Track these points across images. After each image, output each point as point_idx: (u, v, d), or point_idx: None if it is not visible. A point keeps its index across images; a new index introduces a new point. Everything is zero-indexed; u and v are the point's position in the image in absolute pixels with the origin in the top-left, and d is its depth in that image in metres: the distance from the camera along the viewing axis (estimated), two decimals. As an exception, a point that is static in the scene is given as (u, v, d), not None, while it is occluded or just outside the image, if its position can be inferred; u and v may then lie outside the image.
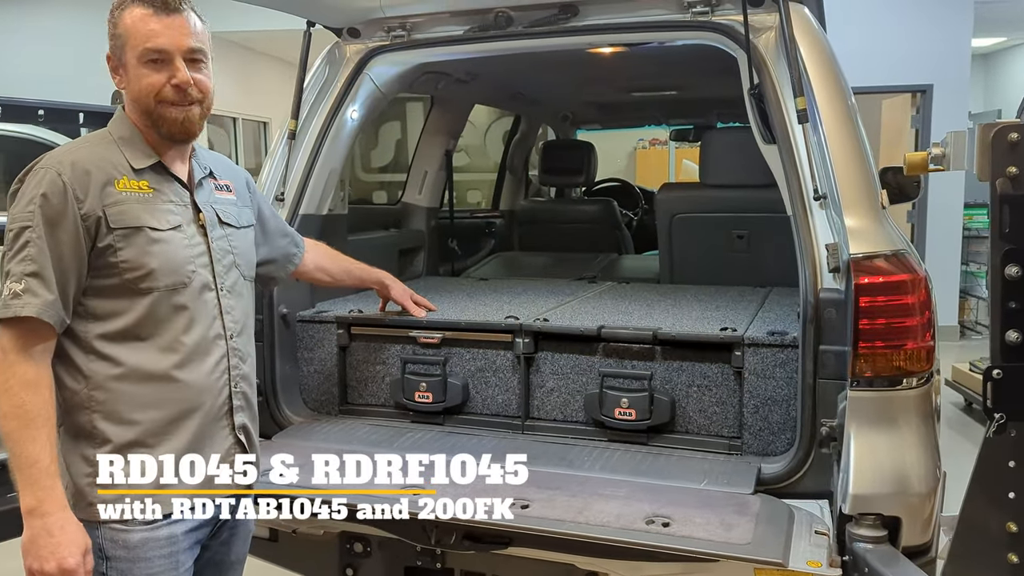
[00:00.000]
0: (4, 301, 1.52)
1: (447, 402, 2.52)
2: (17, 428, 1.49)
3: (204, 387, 1.68)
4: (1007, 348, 1.48)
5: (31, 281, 1.52)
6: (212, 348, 1.70)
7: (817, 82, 2.19)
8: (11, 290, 1.51)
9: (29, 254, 1.53)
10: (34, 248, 1.53)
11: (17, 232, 1.54)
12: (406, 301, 2.57)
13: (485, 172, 5.58)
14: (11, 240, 1.54)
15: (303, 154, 2.73)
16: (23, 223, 1.54)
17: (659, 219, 3.64)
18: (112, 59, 1.66)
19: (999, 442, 1.48)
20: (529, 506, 1.91)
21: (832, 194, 2.09)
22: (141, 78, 1.63)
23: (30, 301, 1.51)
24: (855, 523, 1.84)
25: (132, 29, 1.61)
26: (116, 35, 1.64)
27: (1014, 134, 1.44)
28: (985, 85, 12.89)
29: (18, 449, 1.48)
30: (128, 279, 1.59)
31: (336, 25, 2.80)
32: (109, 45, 1.65)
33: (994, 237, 1.48)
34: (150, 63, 1.62)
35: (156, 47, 1.61)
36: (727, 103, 3.58)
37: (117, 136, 1.67)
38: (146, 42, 1.61)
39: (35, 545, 1.49)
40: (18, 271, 1.52)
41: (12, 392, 1.49)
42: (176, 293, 1.64)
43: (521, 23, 2.62)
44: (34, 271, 1.52)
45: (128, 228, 1.59)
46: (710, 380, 2.30)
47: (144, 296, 1.60)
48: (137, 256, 1.59)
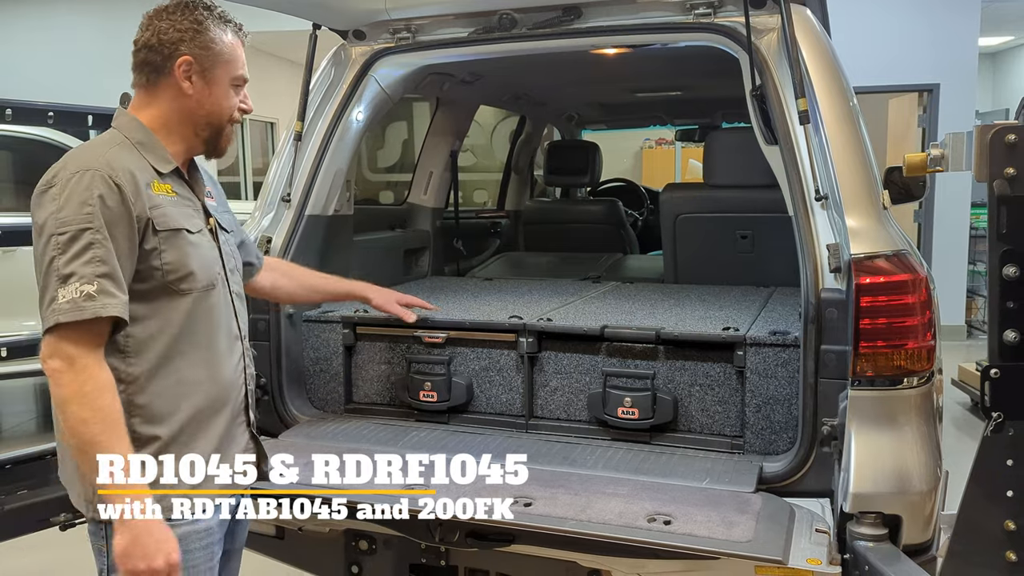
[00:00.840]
0: (74, 303, 1.47)
1: (451, 401, 2.54)
2: (101, 431, 1.48)
3: (230, 386, 1.74)
4: (1005, 347, 1.49)
5: (104, 282, 1.49)
6: (233, 348, 1.76)
7: (819, 83, 2.20)
8: (82, 292, 1.47)
9: (97, 255, 1.50)
10: (101, 249, 1.50)
11: (74, 234, 1.49)
12: (392, 307, 2.50)
13: (492, 172, 5.60)
14: (67, 242, 1.49)
15: (309, 155, 2.76)
16: (82, 225, 1.50)
17: (663, 219, 3.65)
18: (195, 65, 1.65)
19: (997, 441, 1.49)
20: (532, 504, 1.93)
21: (833, 194, 2.10)
22: (229, 98, 1.71)
23: (109, 302, 1.49)
24: (856, 521, 1.85)
25: (234, 52, 1.71)
26: (209, 47, 1.66)
27: (1012, 135, 1.45)
28: (993, 84, 12.84)
29: (105, 450, 1.48)
30: (169, 280, 1.61)
31: (341, 27, 2.82)
32: (190, 49, 1.64)
33: (992, 238, 1.49)
34: (236, 87, 1.73)
35: (246, 76, 1.75)
36: (731, 103, 3.58)
37: (135, 141, 1.65)
38: (242, 69, 1.73)
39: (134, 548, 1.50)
40: (87, 272, 1.48)
41: (90, 397, 1.48)
42: (208, 295, 1.68)
43: (525, 25, 2.64)
44: (105, 272, 1.50)
45: (170, 230, 1.61)
46: (712, 379, 2.31)
47: (183, 297, 1.63)
48: (179, 258, 1.61)
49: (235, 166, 11.06)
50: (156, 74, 1.66)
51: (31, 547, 3.14)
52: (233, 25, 1.72)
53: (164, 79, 1.66)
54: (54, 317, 1.47)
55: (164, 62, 1.65)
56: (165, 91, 1.67)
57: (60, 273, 1.49)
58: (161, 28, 1.64)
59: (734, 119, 5.10)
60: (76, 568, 3.58)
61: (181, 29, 1.64)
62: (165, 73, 1.66)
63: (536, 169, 5.56)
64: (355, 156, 2.99)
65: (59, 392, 1.49)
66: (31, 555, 3.75)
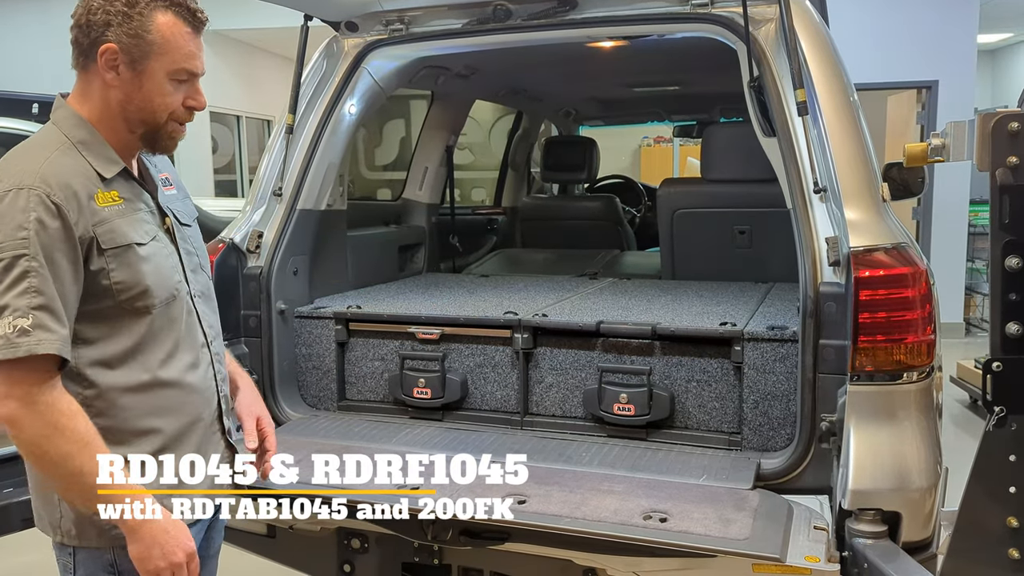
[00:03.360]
0: (7, 339, 1.33)
1: (446, 398, 2.51)
2: (88, 457, 1.39)
3: (200, 399, 1.62)
4: (1007, 340, 1.46)
5: (40, 315, 1.35)
6: (200, 356, 1.63)
7: (817, 74, 2.17)
8: (15, 326, 1.33)
9: (32, 285, 1.34)
10: (36, 278, 1.35)
11: (9, 262, 1.35)
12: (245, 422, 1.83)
13: (490, 170, 5.56)
14: (1, 271, 1.35)
15: (301, 149, 2.72)
16: (16, 251, 1.35)
17: (660, 215, 3.63)
18: (121, 55, 1.44)
19: (999, 436, 1.46)
20: (526, 501, 1.90)
21: (832, 187, 2.07)
22: (164, 94, 1.49)
23: (44, 337, 1.34)
24: (854, 518, 1.83)
25: (171, 41, 1.46)
26: (140, 35, 1.44)
27: (1014, 124, 1.42)
28: (992, 81, 12.82)
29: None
30: (123, 300, 1.47)
31: (334, 19, 2.79)
32: (116, 36, 1.43)
33: (994, 228, 1.46)
34: (177, 81, 1.50)
35: (192, 69, 1.50)
36: (729, 98, 3.56)
37: (76, 140, 1.47)
38: (185, 62, 1.49)
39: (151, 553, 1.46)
40: (21, 304, 1.34)
41: (66, 430, 1.37)
42: (169, 307, 1.54)
43: (520, 16, 2.61)
44: (41, 304, 1.35)
45: (118, 247, 1.46)
46: (709, 375, 2.28)
47: (142, 316, 1.49)
48: (130, 276, 1.47)
49: (231, 164, 11.04)
50: (84, 58, 1.47)
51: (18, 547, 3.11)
52: (183, 9, 1.48)
53: (92, 65, 1.47)
54: None
55: (90, 47, 1.45)
56: (94, 79, 1.48)
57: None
58: (92, 7, 1.44)
59: (732, 114, 5.06)
60: (66, 568, 3.57)
61: (111, 12, 1.43)
62: (91, 59, 1.46)
63: (533, 165, 5.53)
64: (348, 150, 2.96)
65: (24, 436, 1.37)
66: (17, 556, 3.71)
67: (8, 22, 9.13)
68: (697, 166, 3.63)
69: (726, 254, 3.46)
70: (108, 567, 1.54)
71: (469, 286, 3.24)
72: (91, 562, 1.54)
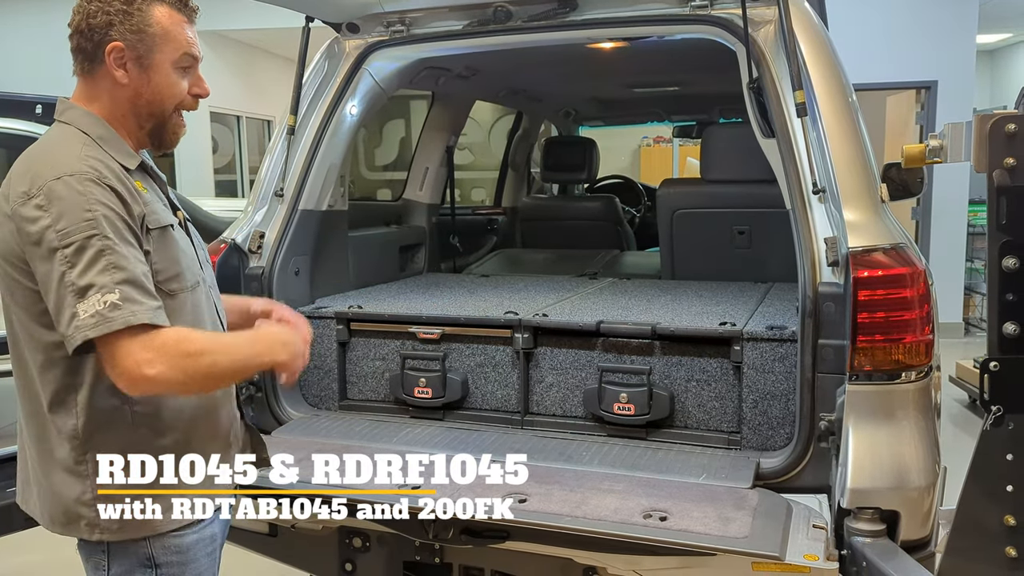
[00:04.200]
0: (99, 315, 1.33)
1: (446, 398, 2.52)
2: (223, 352, 1.47)
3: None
4: (1005, 340, 1.47)
5: (126, 288, 1.35)
6: None
7: (816, 76, 2.18)
8: (105, 302, 1.33)
9: (111, 261, 1.36)
10: (112, 255, 1.36)
11: (81, 243, 1.35)
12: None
13: (490, 170, 5.57)
14: (73, 254, 1.35)
15: (302, 149, 2.73)
16: (87, 232, 1.36)
17: (660, 215, 3.64)
18: (128, 52, 1.48)
19: (996, 435, 1.47)
20: (527, 500, 1.91)
21: (831, 188, 2.08)
22: (172, 84, 1.53)
23: (136, 308, 1.35)
24: (853, 517, 1.84)
25: (171, 31, 1.51)
26: (143, 30, 1.48)
27: (1011, 125, 1.43)
28: (991, 81, 12.82)
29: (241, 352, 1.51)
30: (159, 281, 1.48)
31: (335, 20, 2.80)
32: (120, 34, 1.47)
33: (991, 229, 1.47)
34: (182, 69, 1.54)
35: (194, 55, 1.55)
36: (729, 99, 3.57)
37: (96, 136, 1.50)
38: (189, 47, 1.53)
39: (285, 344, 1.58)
40: (106, 281, 1.34)
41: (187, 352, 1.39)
42: (194, 293, 1.58)
43: (520, 17, 2.62)
44: (124, 278, 1.36)
45: (159, 228, 1.50)
46: (709, 375, 2.29)
47: (173, 299, 1.51)
48: (169, 258, 1.51)
49: (232, 164, 11.04)
50: (90, 62, 1.50)
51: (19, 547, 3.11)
52: (176, 1, 1.53)
53: (99, 68, 1.50)
54: (80, 334, 1.33)
55: (95, 50, 1.48)
56: (102, 81, 1.51)
57: (76, 287, 1.35)
58: (90, 11, 1.47)
59: (732, 115, 5.08)
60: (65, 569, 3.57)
61: (110, 12, 1.46)
62: (98, 61, 1.49)
63: (533, 166, 5.54)
64: (349, 150, 2.97)
65: (175, 384, 1.41)
66: (17, 556, 3.72)
67: (8, 22, 9.13)
68: (696, 166, 3.63)
69: (725, 254, 3.47)
70: (145, 561, 1.53)
71: (469, 286, 3.25)
72: (126, 558, 1.53)
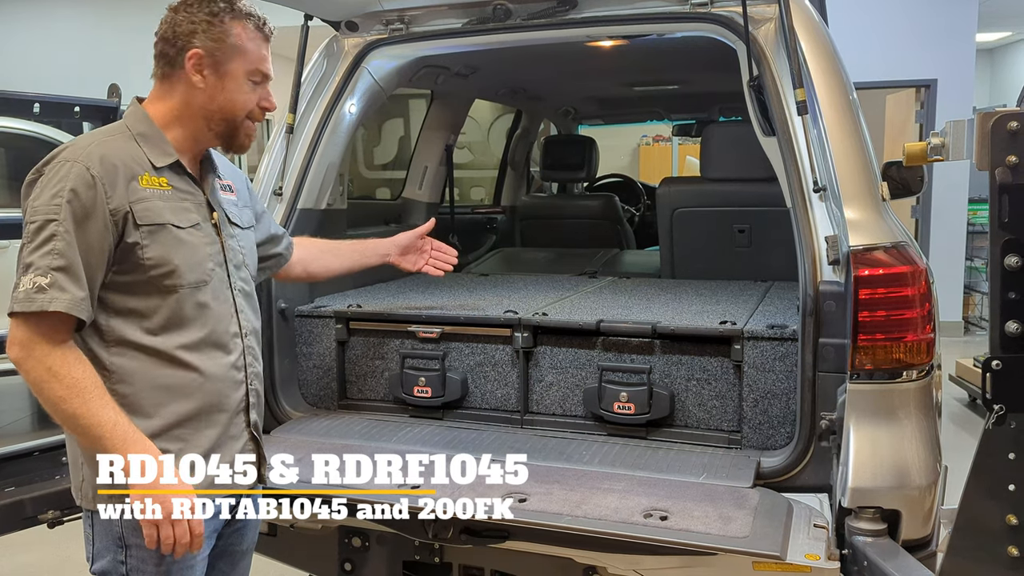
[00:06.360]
0: (26, 294, 1.48)
1: (446, 397, 2.51)
2: (81, 403, 1.49)
3: (226, 384, 1.70)
4: (1007, 339, 1.46)
5: (58, 275, 1.49)
6: (231, 346, 1.72)
7: (817, 74, 2.18)
8: (35, 283, 1.48)
9: (55, 247, 1.49)
10: (61, 242, 1.49)
11: (41, 224, 1.50)
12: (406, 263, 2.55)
13: (490, 169, 5.57)
14: (33, 232, 1.51)
15: (301, 148, 2.72)
16: (48, 216, 1.50)
17: (660, 213, 3.63)
18: (207, 58, 1.64)
19: (998, 434, 1.46)
20: (527, 500, 1.90)
21: (832, 186, 2.07)
22: (243, 92, 1.69)
23: (57, 296, 1.48)
24: (854, 516, 1.83)
25: (250, 45, 1.68)
26: (222, 40, 1.64)
27: (1014, 123, 1.42)
28: (990, 80, 12.83)
29: (93, 419, 1.49)
30: (153, 276, 1.59)
31: (334, 18, 2.79)
32: (202, 42, 1.63)
33: (993, 227, 1.46)
34: (253, 82, 1.70)
35: (267, 72, 1.72)
36: (729, 97, 3.56)
37: (136, 132, 1.65)
38: (261, 63, 1.70)
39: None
40: (43, 264, 1.49)
41: (59, 375, 1.48)
42: (198, 291, 1.65)
43: (519, 15, 2.61)
44: (61, 265, 1.49)
45: (153, 225, 1.59)
46: (709, 374, 2.28)
47: (169, 294, 1.61)
48: (163, 253, 1.60)
49: (231, 163, 11.01)
50: (170, 67, 1.66)
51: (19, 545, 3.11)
52: (255, 19, 1.70)
53: (177, 72, 1.66)
54: (11, 305, 1.49)
55: (177, 55, 1.65)
56: (178, 84, 1.67)
57: (23, 262, 1.50)
58: (177, 20, 1.65)
59: (732, 113, 5.07)
60: (65, 567, 3.57)
61: (195, 21, 1.64)
62: (178, 66, 1.65)
63: (532, 164, 5.53)
64: (348, 149, 2.97)
65: (28, 378, 1.50)
66: (17, 556, 3.72)
67: (8, 22, 9.12)
68: (696, 165, 3.62)
69: (726, 253, 3.46)
70: (117, 540, 1.62)
71: (469, 285, 3.24)
72: (104, 534, 1.63)
